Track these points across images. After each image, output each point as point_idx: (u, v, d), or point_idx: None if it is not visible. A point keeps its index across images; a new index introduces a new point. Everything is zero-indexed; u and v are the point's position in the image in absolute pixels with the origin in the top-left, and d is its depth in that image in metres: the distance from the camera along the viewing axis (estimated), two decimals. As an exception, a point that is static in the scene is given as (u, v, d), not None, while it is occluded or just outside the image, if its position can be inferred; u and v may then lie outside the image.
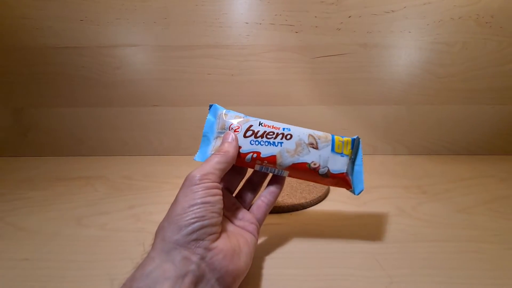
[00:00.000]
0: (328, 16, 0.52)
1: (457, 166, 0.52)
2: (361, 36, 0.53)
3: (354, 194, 0.29)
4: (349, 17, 0.52)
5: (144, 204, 0.40)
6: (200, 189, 0.22)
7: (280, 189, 0.29)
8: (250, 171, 0.30)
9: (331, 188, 0.43)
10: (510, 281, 0.26)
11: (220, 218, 0.22)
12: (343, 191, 0.41)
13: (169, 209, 0.22)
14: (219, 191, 0.23)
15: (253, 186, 0.29)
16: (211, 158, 0.24)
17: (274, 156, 0.26)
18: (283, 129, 0.27)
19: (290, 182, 0.43)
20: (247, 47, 0.54)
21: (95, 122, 0.58)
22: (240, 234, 0.25)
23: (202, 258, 0.20)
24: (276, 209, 0.37)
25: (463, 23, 0.51)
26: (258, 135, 0.27)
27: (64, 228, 0.35)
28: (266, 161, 0.26)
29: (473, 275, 0.26)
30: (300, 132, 0.27)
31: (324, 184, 0.28)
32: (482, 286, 0.25)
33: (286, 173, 0.27)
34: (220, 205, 0.22)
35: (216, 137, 0.28)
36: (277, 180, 0.29)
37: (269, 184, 0.29)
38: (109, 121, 0.58)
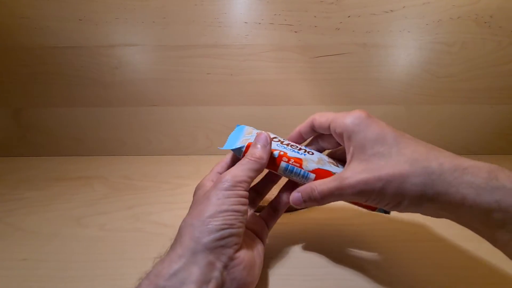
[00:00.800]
0: (328, 16, 0.52)
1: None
2: (360, 36, 0.53)
3: (382, 212, 0.27)
4: (348, 16, 0.52)
5: (143, 204, 0.40)
6: (233, 196, 0.22)
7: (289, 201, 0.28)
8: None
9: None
10: (507, 280, 0.26)
11: (244, 228, 0.22)
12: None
13: (199, 207, 0.21)
14: (247, 201, 0.23)
15: (260, 190, 0.30)
16: (244, 163, 0.24)
17: (300, 159, 0.27)
18: (305, 147, 0.29)
19: (289, 182, 0.43)
20: (246, 46, 0.54)
21: (94, 122, 0.58)
22: (254, 244, 0.25)
23: (225, 267, 0.20)
24: (275, 209, 0.37)
25: (462, 23, 0.51)
26: (282, 143, 0.28)
27: (63, 228, 0.35)
28: (292, 160, 0.27)
29: (472, 275, 0.26)
30: (320, 154, 0.29)
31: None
32: (481, 285, 0.25)
33: (312, 176, 0.27)
34: (246, 215, 0.22)
35: (244, 137, 0.29)
36: (288, 190, 0.29)
37: (281, 192, 0.30)
38: (108, 121, 0.58)
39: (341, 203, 0.33)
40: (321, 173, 0.27)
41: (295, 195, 0.26)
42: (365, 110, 0.25)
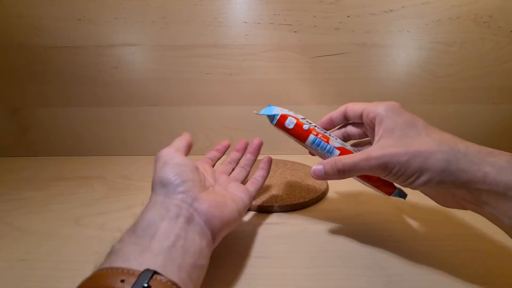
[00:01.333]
0: (327, 15, 0.52)
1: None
2: (360, 36, 0.53)
3: (398, 197, 0.30)
4: (348, 16, 0.52)
5: (142, 204, 0.40)
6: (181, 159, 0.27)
7: (267, 174, 0.35)
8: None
9: (330, 187, 0.43)
10: (505, 279, 0.26)
11: (201, 181, 0.26)
12: (342, 191, 0.41)
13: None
14: (187, 161, 0.27)
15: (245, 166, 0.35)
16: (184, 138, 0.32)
17: (327, 136, 0.29)
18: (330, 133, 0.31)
19: (289, 182, 0.43)
20: (245, 46, 0.54)
21: (93, 121, 0.58)
22: (229, 195, 0.28)
23: (190, 205, 0.23)
24: (275, 209, 0.37)
25: (462, 22, 0.51)
26: (311, 123, 0.30)
27: (62, 228, 0.35)
28: (320, 135, 0.29)
29: (471, 274, 0.26)
30: (343, 142, 0.31)
31: (369, 180, 0.30)
32: (480, 285, 0.25)
33: (336, 152, 0.29)
34: (195, 170, 0.26)
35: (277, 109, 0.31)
36: (266, 167, 0.34)
37: (260, 168, 0.34)
38: (107, 121, 0.58)
39: (339, 202, 0.33)
40: (344, 152, 0.29)
41: (317, 167, 0.28)
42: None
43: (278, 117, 0.30)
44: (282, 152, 0.56)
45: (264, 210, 0.37)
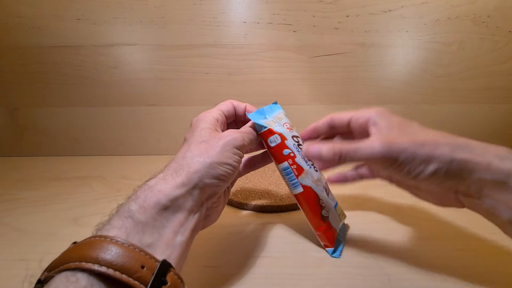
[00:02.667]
0: (326, 15, 0.52)
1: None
2: (359, 36, 0.53)
3: (329, 253, 0.29)
4: (347, 16, 0.52)
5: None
6: (237, 155, 0.25)
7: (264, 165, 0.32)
8: None
9: (329, 187, 0.43)
10: (505, 279, 0.26)
11: None
12: (341, 190, 0.41)
13: (207, 147, 0.24)
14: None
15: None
16: (250, 131, 0.27)
17: (302, 169, 0.28)
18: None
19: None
20: (245, 46, 0.54)
21: (92, 121, 0.58)
22: (225, 192, 0.27)
23: (208, 207, 0.23)
24: (274, 209, 0.37)
25: (460, 22, 0.51)
26: (300, 145, 0.29)
27: (61, 228, 0.35)
28: (295, 166, 0.28)
29: (470, 273, 0.27)
30: (322, 176, 0.30)
31: (316, 228, 0.30)
32: (480, 284, 0.25)
33: (299, 189, 0.28)
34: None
35: (272, 119, 0.29)
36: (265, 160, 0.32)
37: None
38: (106, 121, 0.58)
39: (338, 202, 0.33)
40: (308, 193, 0.28)
41: (313, 147, 0.26)
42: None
43: (265, 129, 0.28)
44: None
45: (264, 210, 0.37)
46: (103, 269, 0.15)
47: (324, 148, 0.25)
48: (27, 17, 0.52)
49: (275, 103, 0.32)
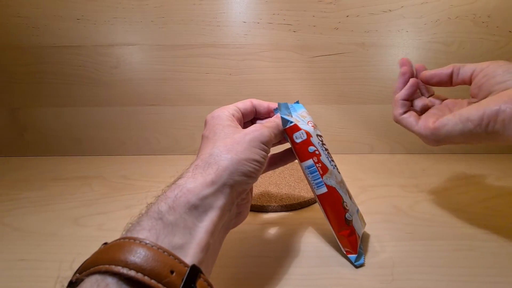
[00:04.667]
0: (326, 15, 0.52)
1: (454, 165, 0.52)
2: (359, 36, 0.53)
3: (352, 261, 0.28)
4: (347, 16, 0.52)
5: (141, 204, 0.40)
6: (264, 150, 0.25)
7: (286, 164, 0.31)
8: None
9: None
10: (506, 279, 0.26)
11: None
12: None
13: (233, 143, 0.23)
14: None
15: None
16: (274, 126, 0.27)
17: (327, 168, 0.27)
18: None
19: (288, 181, 0.43)
20: (245, 46, 0.54)
21: (92, 121, 0.58)
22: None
23: (238, 204, 0.24)
24: (275, 208, 0.37)
25: (460, 22, 0.51)
26: (323, 145, 0.28)
27: (61, 228, 0.35)
28: (320, 164, 0.27)
29: (469, 273, 0.27)
30: (342, 178, 0.30)
31: (339, 232, 0.28)
32: (479, 284, 0.25)
33: (324, 190, 0.27)
34: None
35: (297, 116, 0.29)
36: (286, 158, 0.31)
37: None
38: (106, 121, 0.58)
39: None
40: (332, 194, 0.27)
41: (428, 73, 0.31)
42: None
43: (291, 124, 0.27)
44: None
45: (264, 210, 0.38)
46: (132, 273, 0.15)
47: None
48: (27, 17, 0.52)
49: (297, 102, 0.31)
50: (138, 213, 0.20)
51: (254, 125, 0.26)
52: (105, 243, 0.18)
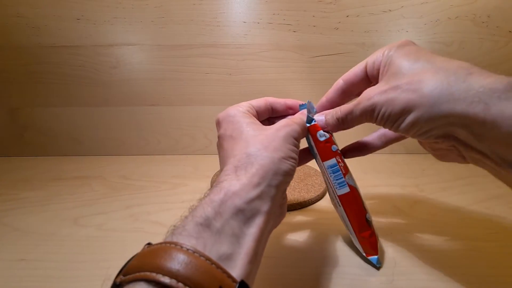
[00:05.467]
0: (326, 15, 0.52)
1: (454, 165, 0.52)
2: (359, 36, 0.53)
3: (374, 262, 0.28)
4: (347, 16, 0.52)
5: (141, 204, 0.40)
6: (297, 146, 0.24)
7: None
8: None
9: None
10: (506, 278, 0.26)
11: None
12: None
13: (267, 141, 0.22)
14: None
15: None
16: (301, 122, 0.26)
17: (348, 169, 0.27)
18: None
19: (288, 181, 0.43)
20: (245, 46, 0.54)
21: (92, 121, 0.58)
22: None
23: (280, 204, 0.23)
24: (274, 209, 0.37)
25: (460, 22, 0.51)
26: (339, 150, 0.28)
27: (61, 228, 0.35)
28: (343, 164, 0.27)
29: (469, 273, 0.27)
30: None
31: (360, 233, 0.28)
32: (479, 284, 0.25)
33: (346, 189, 0.27)
34: None
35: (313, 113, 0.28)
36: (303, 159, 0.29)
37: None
38: (106, 121, 0.58)
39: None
40: (354, 194, 0.27)
41: (318, 118, 0.26)
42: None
43: (314, 122, 0.27)
44: (281, 152, 0.56)
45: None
46: (180, 286, 0.14)
47: (329, 117, 0.25)
48: (27, 17, 0.52)
49: (310, 101, 0.31)
50: (180, 216, 0.18)
51: (282, 120, 0.24)
52: (149, 244, 0.17)
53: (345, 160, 0.28)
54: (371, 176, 0.48)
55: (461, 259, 0.28)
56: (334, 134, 0.28)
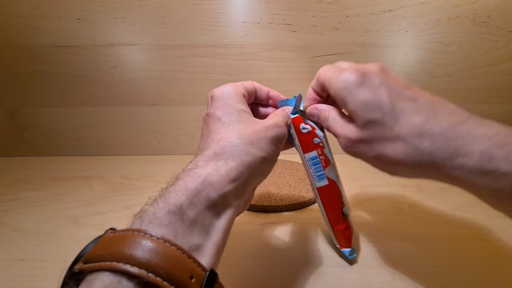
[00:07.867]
0: (326, 15, 0.52)
1: (454, 165, 0.52)
2: (359, 36, 0.53)
3: (346, 254, 0.28)
4: (347, 16, 0.52)
5: (141, 204, 0.40)
6: (284, 138, 0.25)
7: None
8: None
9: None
10: (506, 278, 0.26)
11: None
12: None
13: (257, 126, 0.22)
14: None
15: None
16: (285, 115, 0.26)
17: (329, 161, 0.27)
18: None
19: (288, 181, 0.43)
20: (245, 46, 0.54)
21: (92, 121, 0.58)
22: None
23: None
24: (275, 208, 0.37)
25: (460, 22, 0.51)
26: (326, 138, 0.28)
27: (61, 228, 0.35)
28: (323, 157, 0.27)
29: (469, 273, 0.27)
30: None
31: (335, 225, 0.28)
32: (479, 284, 0.25)
33: (324, 182, 0.27)
34: None
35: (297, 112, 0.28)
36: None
37: None
38: (106, 121, 0.58)
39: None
40: (332, 187, 0.27)
41: (313, 110, 0.26)
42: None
43: (300, 113, 0.27)
44: (281, 152, 0.56)
45: (264, 209, 0.37)
46: (151, 276, 0.13)
47: (321, 115, 0.26)
48: (27, 17, 0.52)
49: (300, 94, 0.30)
50: (149, 198, 0.18)
51: (272, 117, 0.24)
52: (112, 229, 0.17)
53: (335, 155, 0.28)
54: (371, 176, 0.48)
55: (461, 259, 0.28)
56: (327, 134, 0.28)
